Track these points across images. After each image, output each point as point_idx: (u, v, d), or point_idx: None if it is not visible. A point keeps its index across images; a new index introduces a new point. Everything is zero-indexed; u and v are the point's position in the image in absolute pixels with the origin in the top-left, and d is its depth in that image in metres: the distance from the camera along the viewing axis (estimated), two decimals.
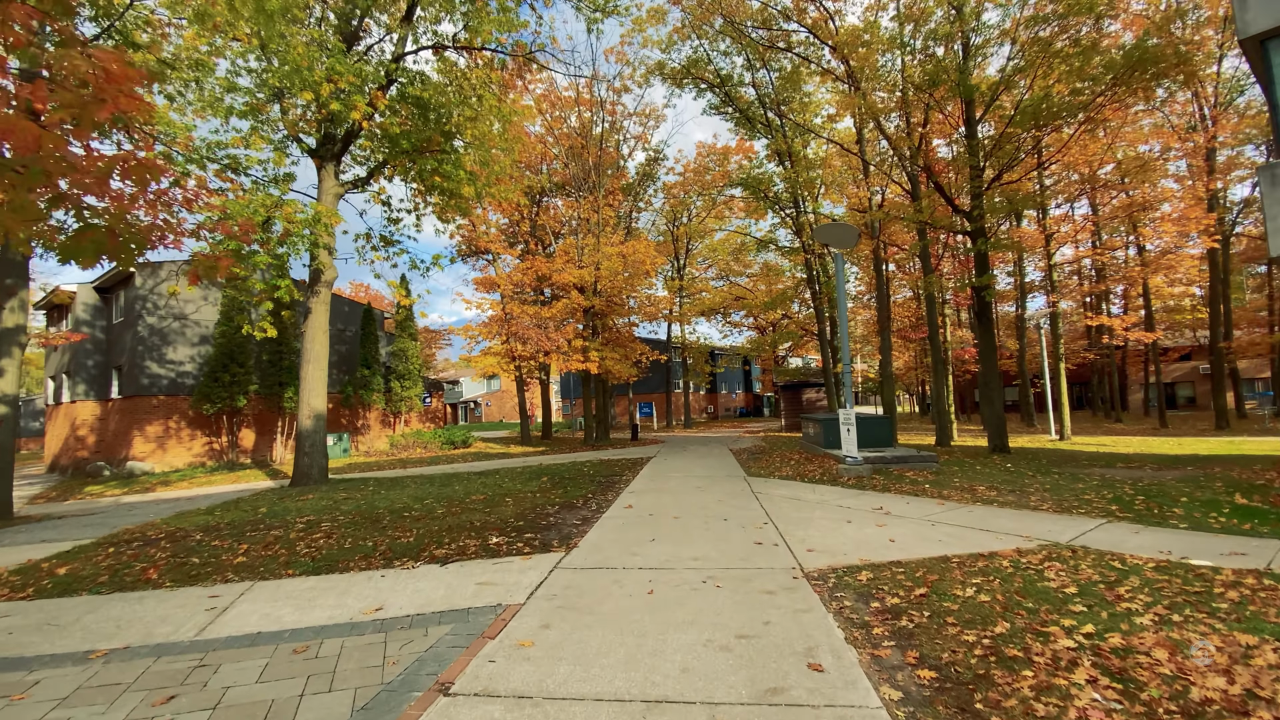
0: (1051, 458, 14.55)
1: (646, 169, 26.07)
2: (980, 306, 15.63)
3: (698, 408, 50.84)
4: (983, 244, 14.69)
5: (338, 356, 23.89)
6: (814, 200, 22.96)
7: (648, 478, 11.98)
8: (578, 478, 12.14)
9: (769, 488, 10.38)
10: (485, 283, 22.43)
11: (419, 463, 17.78)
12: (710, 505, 8.69)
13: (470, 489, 10.67)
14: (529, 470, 13.85)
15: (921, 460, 12.17)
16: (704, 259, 41.20)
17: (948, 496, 9.27)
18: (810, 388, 27.02)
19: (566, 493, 10.03)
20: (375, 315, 25.07)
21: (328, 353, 12.45)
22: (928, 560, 5.63)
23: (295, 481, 11.96)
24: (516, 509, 8.53)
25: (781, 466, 13.17)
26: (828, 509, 8.36)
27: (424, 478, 13.05)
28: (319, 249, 12.21)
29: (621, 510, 8.43)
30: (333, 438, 21.03)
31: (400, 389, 24.08)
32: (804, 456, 14.64)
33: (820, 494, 9.62)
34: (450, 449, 21.49)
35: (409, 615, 4.43)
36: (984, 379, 15.60)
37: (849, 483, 10.72)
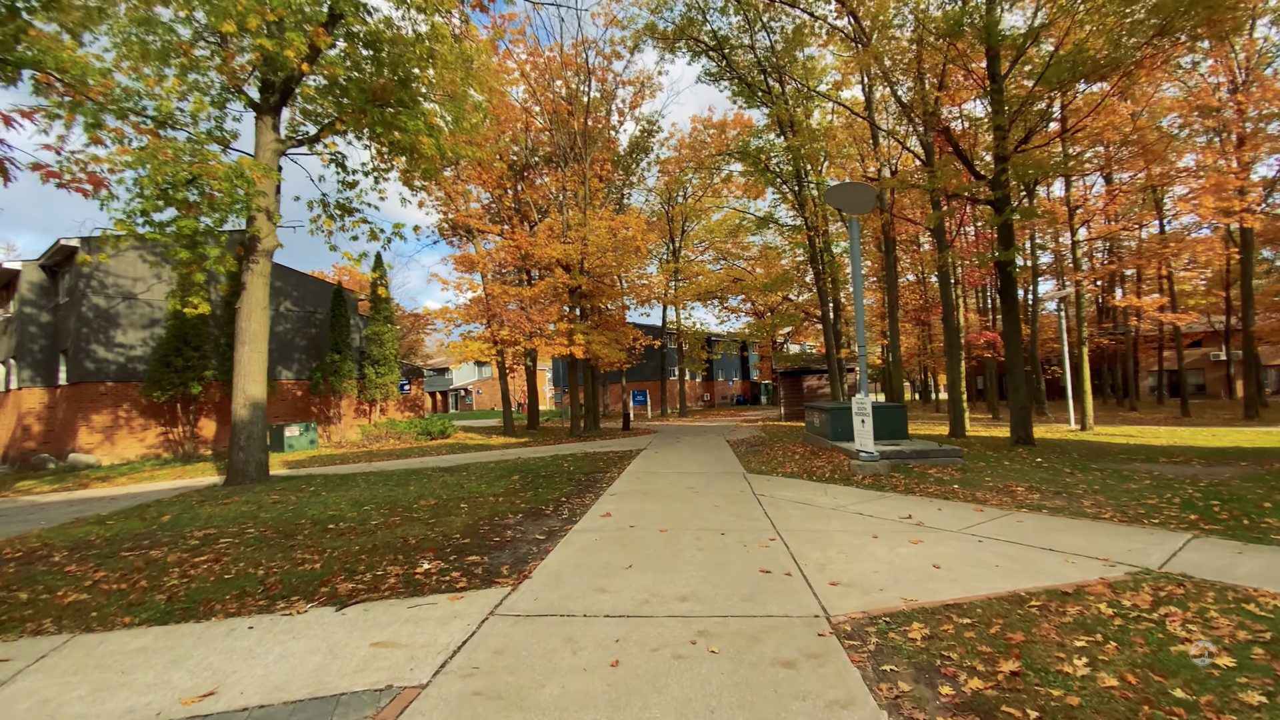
0: (1082, 451, 13.16)
1: (639, 140, 24.37)
2: (1003, 283, 14.13)
3: (693, 396, 49.42)
4: (1010, 212, 13.14)
5: (307, 340, 22.29)
6: (817, 174, 21.33)
7: (634, 475, 10.51)
8: (554, 476, 10.65)
9: (773, 488, 8.91)
10: (464, 261, 20.81)
11: (388, 455, 16.28)
12: (705, 512, 7.22)
13: (425, 490, 9.17)
14: (502, 466, 12.37)
15: (944, 455, 10.73)
16: (700, 240, 39.53)
17: (984, 501, 7.84)
18: (812, 374, 25.58)
19: (536, 495, 8.55)
20: (347, 297, 23.41)
21: (267, 333, 10.88)
22: (995, 601, 4.18)
23: (229, 480, 10.44)
24: (470, 519, 7.04)
25: (785, 461, 11.71)
26: (846, 518, 6.89)
27: (381, 475, 11.55)
28: (255, 212, 10.58)
29: (597, 520, 6.94)
30: (299, 428, 19.50)
31: (375, 376, 22.50)
32: (809, 450, 13.19)
33: (834, 497, 8.16)
34: (426, 440, 19.98)
35: (245, 710, 2.93)
36: (1008, 364, 14.14)
37: (865, 482, 9.27)
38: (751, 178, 23.14)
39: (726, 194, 36.45)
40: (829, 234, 22.78)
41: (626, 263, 18.67)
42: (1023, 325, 26.28)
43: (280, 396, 21.56)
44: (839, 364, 22.05)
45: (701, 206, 36.43)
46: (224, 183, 9.09)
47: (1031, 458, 11.87)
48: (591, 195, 19.67)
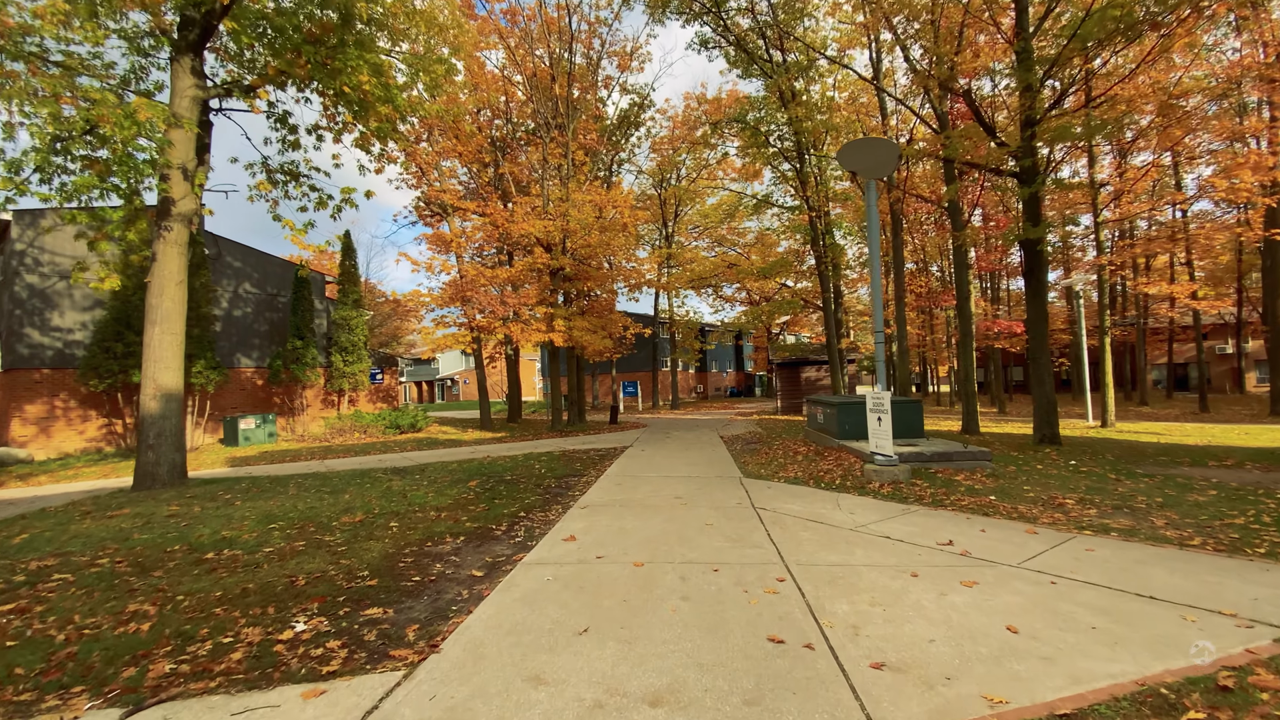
0: (1115, 451, 11.82)
1: (629, 114, 22.72)
2: (1030, 265, 12.70)
3: (686, 387, 48.02)
4: (1040, 182, 11.69)
5: (269, 326, 20.64)
6: (819, 150, 19.81)
7: (614, 481, 9.04)
8: (521, 480, 9.18)
9: (775, 498, 7.47)
10: (438, 241, 19.19)
11: (346, 452, 14.75)
12: (693, 535, 5.76)
13: (358, 501, 7.66)
14: (465, 467, 10.87)
15: (970, 458, 9.33)
16: (694, 225, 37.93)
17: (1033, 518, 6.46)
18: (810, 365, 24.18)
19: (491, 509, 7.06)
20: (313, 279, 21.74)
21: (183, 312, 9.28)
22: (1126, 703, 2.76)
23: (136, 484, 8.89)
24: (393, 544, 5.55)
25: (787, 463, 10.27)
26: (871, 543, 5.46)
27: (322, 477, 10.03)
28: (167, 169, 8.96)
29: (557, 547, 5.47)
30: (255, 420, 17.91)
31: (343, 364, 20.89)
32: (813, 450, 11.76)
33: (850, 511, 6.73)
34: (395, 434, 18.45)
35: None
36: (1032, 355, 12.74)
37: (883, 491, 7.85)
38: (749, 155, 21.57)
39: (721, 177, 34.86)
40: (830, 217, 21.27)
41: (614, 244, 17.13)
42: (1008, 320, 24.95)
43: (238, 386, 19.94)
44: (840, 354, 20.65)
45: (695, 189, 34.80)
46: (117, 128, 7.47)
47: (1064, 460, 10.52)
48: (576, 169, 18.07)
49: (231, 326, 19.91)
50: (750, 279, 33.69)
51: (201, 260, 17.68)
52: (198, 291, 17.45)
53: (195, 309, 17.40)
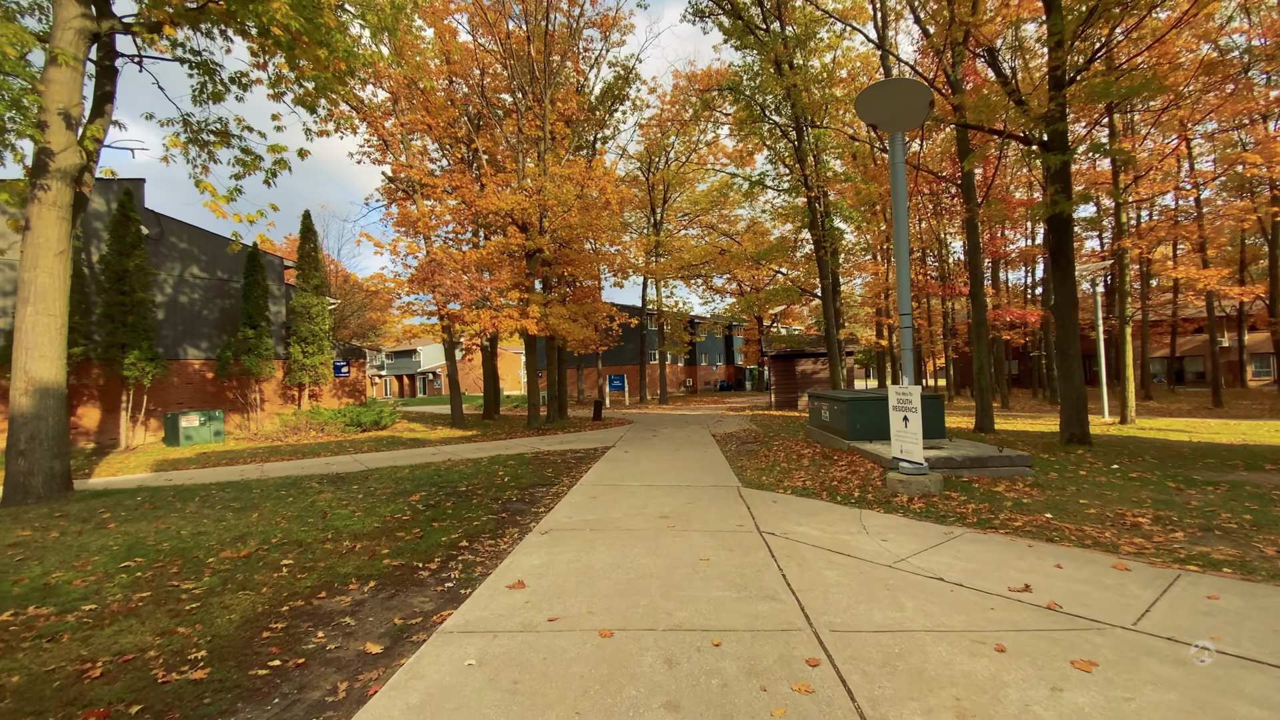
0: (1152, 452, 10.57)
1: (614, 88, 21.13)
2: (1057, 244, 11.36)
3: (675, 381, 46.62)
4: (1073, 151, 10.35)
5: (219, 313, 18.89)
6: (818, 124, 18.35)
7: (588, 493, 7.57)
8: (477, 492, 7.68)
9: (785, 517, 6.04)
10: (405, 221, 17.53)
11: (292, 453, 13.15)
12: (684, 582, 4.29)
13: (260, 524, 6.13)
14: (416, 475, 9.34)
15: (1006, 463, 7.97)
16: (684, 213, 36.42)
17: (1111, 545, 5.14)
18: (806, 358, 22.83)
19: (425, 536, 5.57)
20: (270, 261, 19.98)
21: (65, 289, 7.64)
22: None
23: (5, 499, 7.27)
24: (271, 596, 4.05)
25: (791, 469, 8.86)
26: (922, 589, 4.06)
27: (239, 488, 8.47)
28: (44, 114, 7.31)
29: (496, 601, 3.99)
30: (199, 417, 16.21)
31: (302, 355, 19.19)
32: (819, 452, 10.37)
33: (882, 536, 5.32)
34: (355, 432, 16.84)
35: None
36: (1060, 345, 11.43)
37: (914, 506, 6.47)
38: (743, 131, 20.08)
39: (712, 162, 33.35)
40: (829, 200, 19.86)
41: (596, 225, 15.62)
42: (1022, 309, 23.73)
43: (185, 379, 18.20)
44: (839, 345, 19.31)
45: (684, 175, 33.28)
46: None
47: (1103, 463, 9.22)
48: (555, 143, 16.48)
49: (176, 314, 18.15)
50: (742, 267, 32.28)
51: (137, 240, 15.91)
52: (132, 274, 15.71)
53: (130, 294, 15.66)
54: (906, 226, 7.44)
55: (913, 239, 29.15)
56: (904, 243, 7.35)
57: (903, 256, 7.34)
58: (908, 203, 17.67)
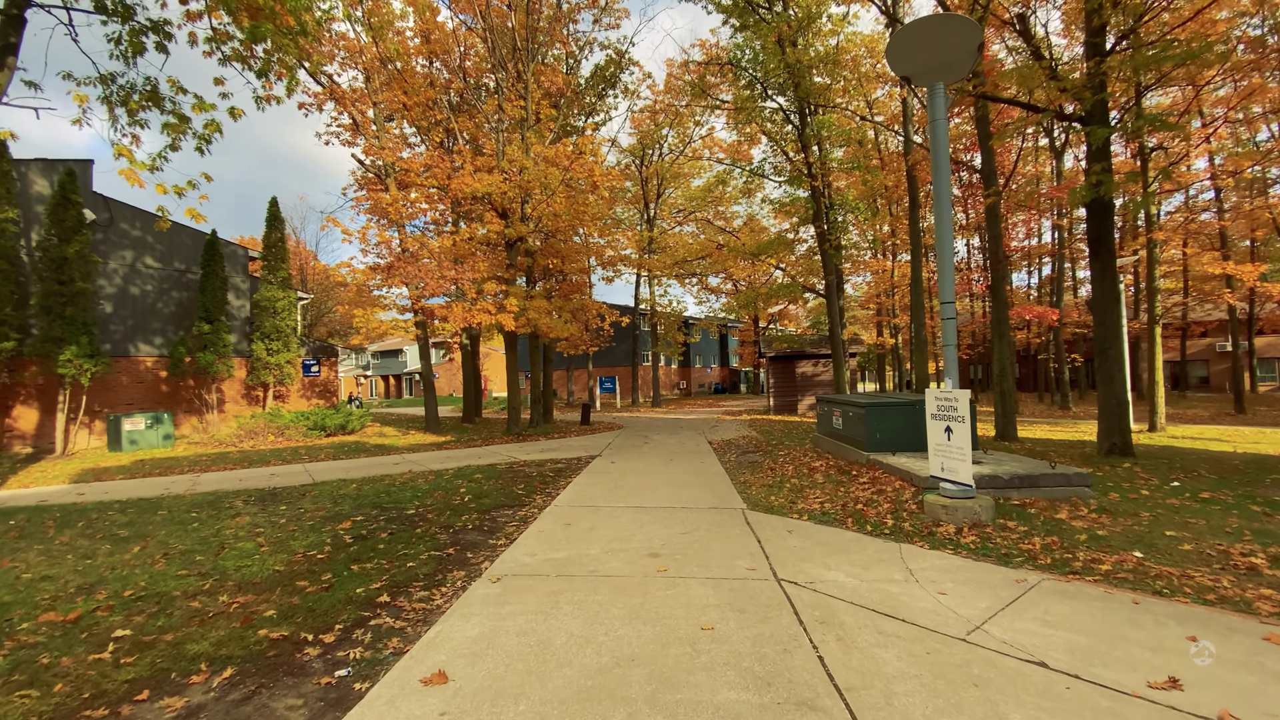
0: (1204, 465, 9.37)
1: (604, 71, 19.83)
2: (1097, 233, 10.14)
3: (668, 383, 45.32)
4: (1122, 122, 9.14)
5: (176, 307, 17.42)
6: (825, 107, 17.14)
7: (562, 519, 6.24)
8: (425, 518, 6.34)
9: (808, 557, 4.72)
10: (376, 209, 16.16)
11: (239, 461, 11.73)
12: (675, 669, 2.96)
13: (133, 564, 4.77)
14: (364, 492, 7.98)
15: (1061, 481, 6.71)
16: (678, 209, 35.14)
17: (1246, 602, 3.86)
18: (806, 359, 21.58)
19: (337, 584, 4.22)
20: (233, 251, 18.53)
21: None
22: None
23: None
24: (51, 709, 2.69)
25: (805, 487, 7.54)
26: (1023, 684, 2.75)
27: (146, 506, 7.09)
28: None
29: (395, 712, 2.66)
30: (145, 419, 14.76)
31: (266, 353, 17.73)
32: (832, 465, 9.07)
33: (938, 587, 4.02)
34: (319, 436, 15.42)
35: None
36: (1100, 345, 10.21)
37: (966, 540, 5.19)
38: (742, 115, 18.84)
39: (708, 156, 32.11)
40: (835, 186, 18.63)
41: (583, 211, 14.27)
42: (1041, 306, 22.58)
43: (135, 378, 16.72)
44: (842, 346, 18.06)
45: (679, 169, 32.00)
46: None
47: (1160, 480, 7.99)
48: (540, 125, 15.12)
49: (127, 307, 16.67)
50: (739, 264, 31.03)
51: (77, 224, 14.45)
52: (73, 262, 14.24)
53: (69, 283, 14.20)
54: (949, 196, 6.16)
55: None
56: (947, 219, 6.07)
57: (945, 234, 6.06)
58: (918, 193, 16.49)
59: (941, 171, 6.03)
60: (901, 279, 23.79)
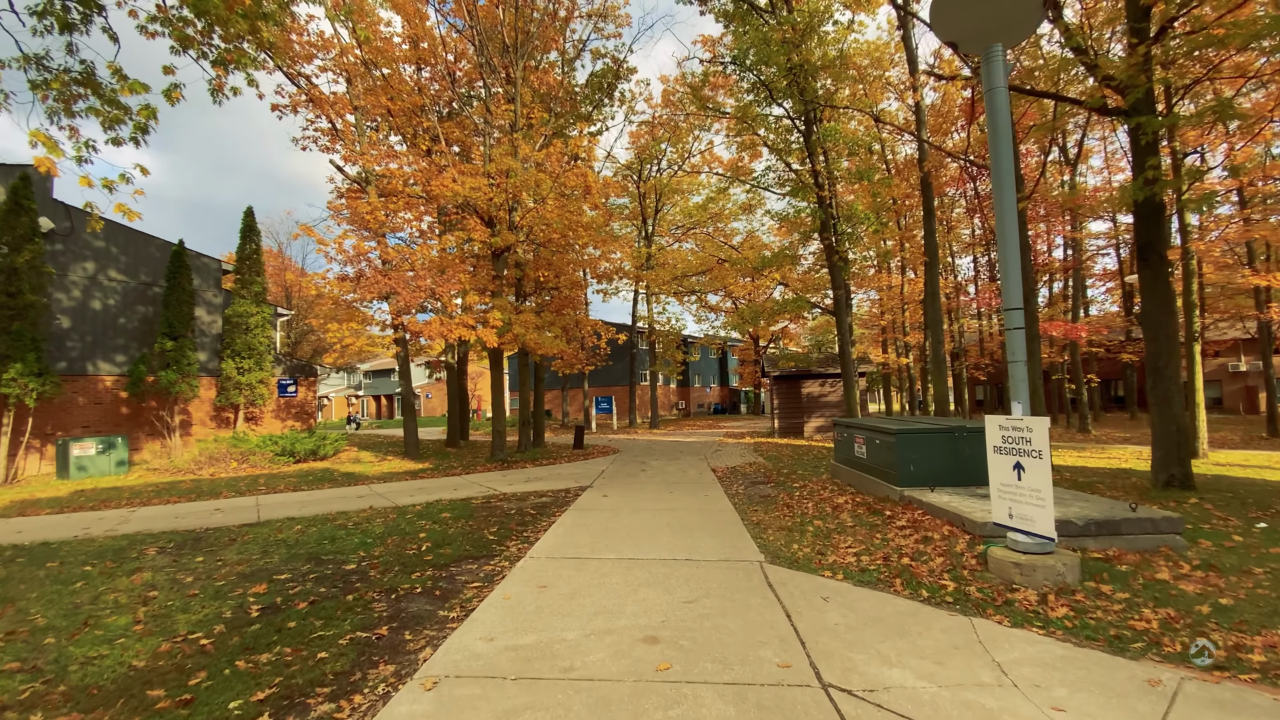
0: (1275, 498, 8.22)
1: (601, 79, 18.99)
2: (1148, 237, 9.08)
3: (666, 403, 44.07)
4: (1176, 116, 8.14)
5: (139, 322, 16.27)
6: (833, 110, 16.26)
7: (535, 578, 5.03)
8: (368, 574, 5.13)
9: (855, 640, 3.46)
10: (356, 219, 15.12)
11: (189, 492, 10.48)
12: None
13: None
14: (310, 535, 6.76)
15: (1146, 527, 5.54)
16: (677, 225, 34.28)
17: None
18: (813, 379, 20.44)
19: (199, 704, 3.00)
20: (204, 265, 17.44)
21: None
22: None
23: None
24: None
25: (831, 530, 6.33)
26: None
27: (34, 554, 5.87)
28: None
29: None
30: (96, 444, 13.52)
31: (237, 372, 16.54)
32: (858, 500, 7.87)
33: (1045, 688, 2.79)
34: (287, 463, 14.15)
35: None
36: (1152, 363, 9.08)
37: (1056, 612, 4.02)
38: (740, 129, 17.97)
39: (707, 174, 31.32)
40: (842, 194, 17.67)
41: (575, 221, 13.23)
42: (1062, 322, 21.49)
43: (93, 398, 15.49)
44: (853, 365, 16.93)
45: (678, 184, 31.20)
46: None
47: (1241, 520, 6.84)
48: (532, 132, 14.17)
49: (87, 322, 15.51)
50: (738, 281, 30.07)
51: (30, 232, 13.35)
52: (23, 272, 13.12)
53: (17, 295, 13.06)
54: (1013, 180, 5.07)
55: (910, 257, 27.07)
56: (1011, 207, 4.98)
57: (1010, 227, 4.96)
58: (933, 201, 15.51)
59: (1002, 149, 4.96)
60: (912, 294, 22.79)
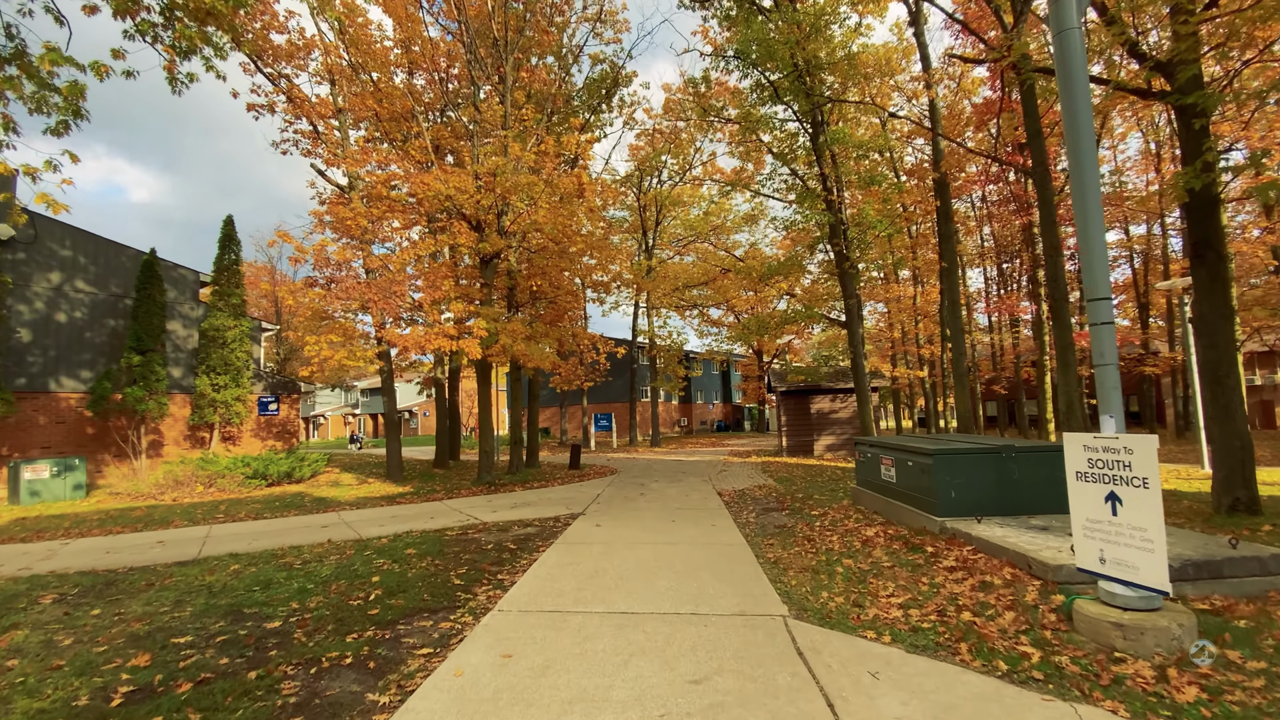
0: None
1: (599, 83, 18.30)
2: (1202, 232, 8.14)
3: (668, 420, 42.96)
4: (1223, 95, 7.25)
5: (108, 336, 15.35)
6: (841, 109, 15.51)
7: (500, 643, 3.99)
8: (294, 637, 4.10)
9: None
10: (340, 226, 14.28)
11: (140, 521, 9.45)
12: None
13: None
14: (246, 579, 5.73)
15: (1254, 568, 4.50)
16: (678, 238, 33.54)
17: None
18: (823, 394, 19.41)
19: None
20: (180, 276, 16.56)
21: None
22: None
23: None
24: None
25: (869, 574, 5.26)
26: None
27: None
28: None
29: None
30: (51, 466, 12.52)
31: (212, 389, 15.57)
32: (891, 532, 6.81)
33: None
34: (259, 486, 13.12)
35: None
36: (1211, 370, 8.07)
37: (1183, 694, 2.95)
38: (743, 132, 17.22)
39: (710, 184, 30.66)
40: (853, 198, 16.80)
41: (569, 225, 12.33)
42: None
43: (55, 417, 14.52)
44: (867, 379, 15.93)
45: (679, 196, 30.49)
46: None
47: None
48: (525, 134, 13.33)
49: (50, 336, 14.60)
50: (741, 295, 29.21)
51: None
52: None
53: None
54: (1093, 137, 4.14)
55: (927, 266, 26.16)
56: (1092, 172, 4.04)
57: (1092, 199, 4.01)
58: (950, 203, 14.64)
59: (1078, 97, 4.03)
60: (924, 305, 21.87)
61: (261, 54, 14.16)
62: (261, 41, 13.39)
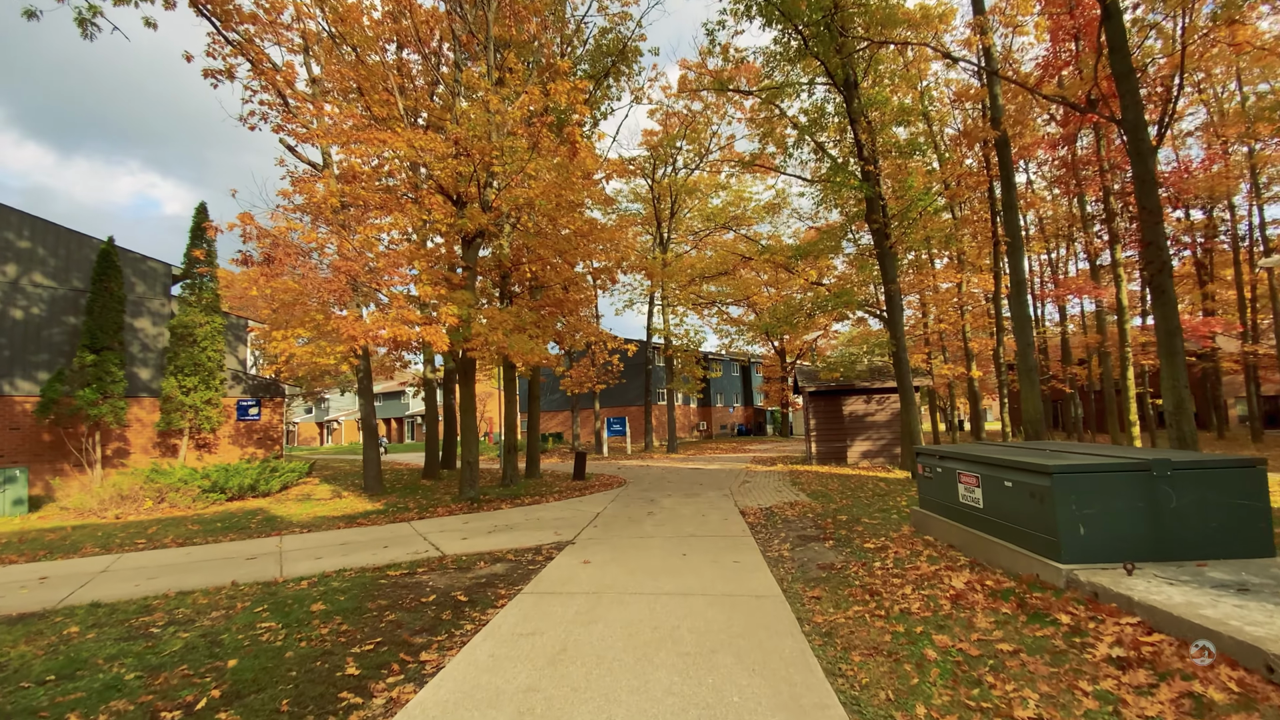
0: None
1: (607, 48, 16.59)
2: None
3: (686, 424, 40.95)
4: None
5: (70, 334, 14.02)
6: (874, 74, 13.59)
7: None
8: None
9: None
10: (310, 205, 12.75)
11: (50, 545, 7.93)
12: None
13: None
14: (61, 656, 4.05)
15: None
16: (695, 231, 31.73)
17: None
18: (857, 395, 17.37)
19: None
20: (148, 268, 15.20)
21: None
22: None
23: None
24: None
25: (978, 662, 3.38)
26: None
27: None
28: None
29: None
30: None
31: (180, 391, 14.16)
32: (990, 583, 4.89)
33: None
34: (216, 500, 11.61)
35: None
36: None
37: None
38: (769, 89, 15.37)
39: (727, 173, 28.76)
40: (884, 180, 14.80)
41: (565, 198, 10.59)
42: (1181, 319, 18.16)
43: (7, 423, 13.21)
44: (910, 377, 13.90)
45: (695, 185, 28.66)
46: None
47: None
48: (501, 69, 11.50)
49: (3, 334, 13.31)
50: (763, 292, 27.29)
51: None
52: None
53: None
54: None
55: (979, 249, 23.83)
56: None
57: None
58: (1012, 170, 12.61)
59: None
60: (969, 293, 19.75)
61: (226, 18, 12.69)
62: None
